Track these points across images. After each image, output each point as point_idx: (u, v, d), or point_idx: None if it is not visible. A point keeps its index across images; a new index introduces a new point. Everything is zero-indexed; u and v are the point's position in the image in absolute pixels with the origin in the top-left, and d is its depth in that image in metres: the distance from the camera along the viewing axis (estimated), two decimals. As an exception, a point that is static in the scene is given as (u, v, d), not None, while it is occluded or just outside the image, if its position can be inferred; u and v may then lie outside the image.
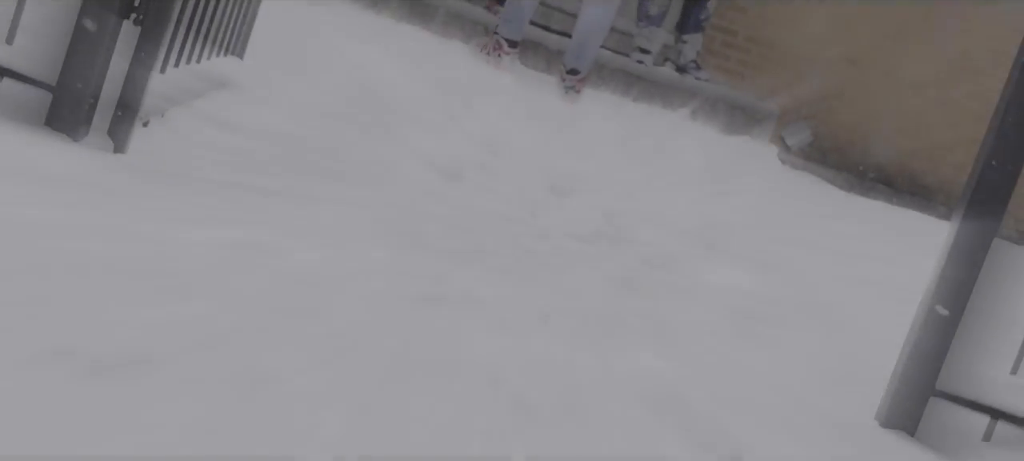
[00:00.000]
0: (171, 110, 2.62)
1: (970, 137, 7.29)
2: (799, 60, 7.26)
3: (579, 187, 3.48)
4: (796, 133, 7.29)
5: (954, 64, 7.21)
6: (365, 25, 5.38)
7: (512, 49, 5.74)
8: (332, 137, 3.12)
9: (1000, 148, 2.33)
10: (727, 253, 3.17)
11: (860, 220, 4.56)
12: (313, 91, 3.51)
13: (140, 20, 2.19)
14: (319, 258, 2.22)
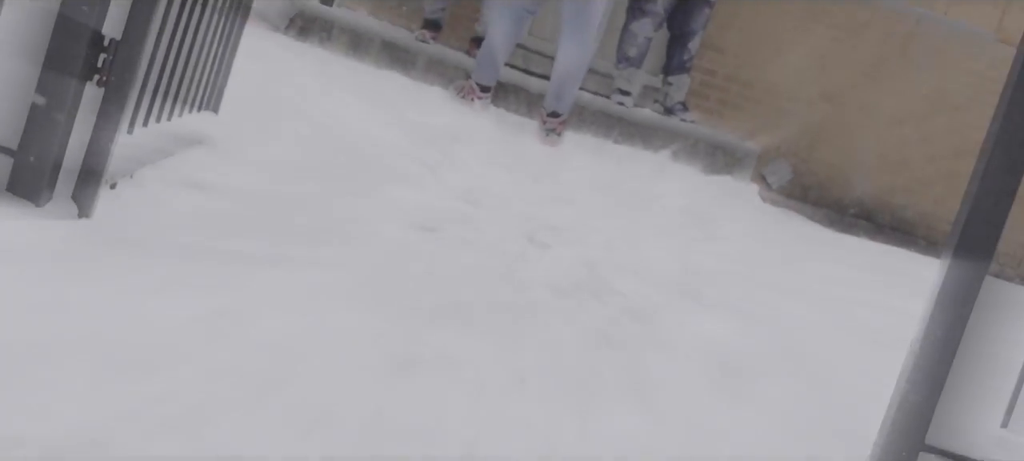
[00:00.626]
0: (140, 171, 2.53)
1: (949, 171, 7.27)
2: (778, 99, 7.23)
3: (559, 237, 3.39)
4: (777, 171, 7.25)
5: (931, 99, 7.19)
6: (344, 73, 5.31)
7: (484, 94, 5.70)
8: (307, 193, 3.03)
9: (988, 186, 2.24)
10: (709, 303, 3.08)
11: (843, 261, 4.48)
12: (289, 146, 3.43)
13: (104, 81, 2.10)
14: (290, 325, 2.13)
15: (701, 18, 6.48)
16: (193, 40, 2.61)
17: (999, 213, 2.28)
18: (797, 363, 2.78)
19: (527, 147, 4.71)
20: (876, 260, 4.83)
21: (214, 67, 3.01)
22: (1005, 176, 2.27)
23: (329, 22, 6.41)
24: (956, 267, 2.33)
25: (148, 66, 2.29)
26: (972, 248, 2.34)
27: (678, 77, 6.57)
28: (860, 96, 7.19)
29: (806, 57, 7.18)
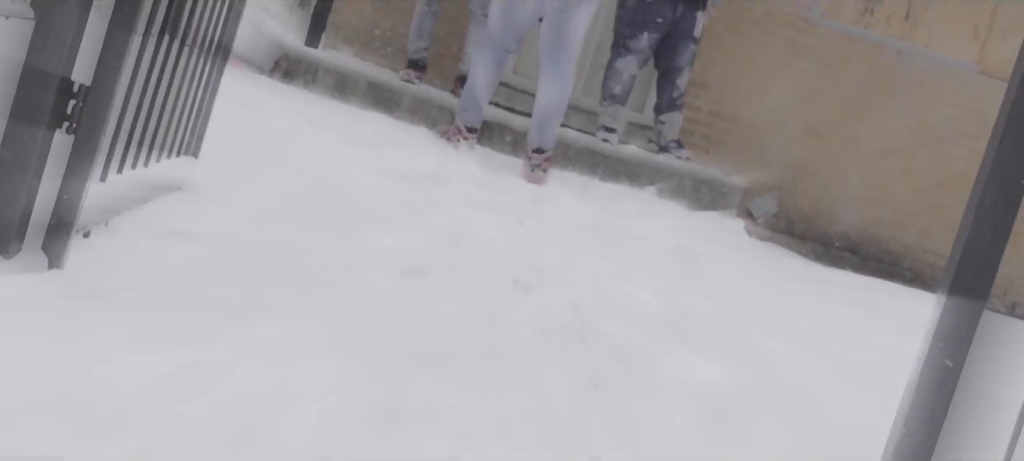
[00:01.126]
0: (116, 219, 2.45)
1: (933, 203, 7.24)
2: (762, 133, 7.20)
3: (544, 279, 3.31)
4: (762, 205, 7.20)
5: (914, 132, 7.17)
6: (329, 116, 5.25)
7: (471, 135, 5.66)
8: (289, 240, 2.95)
9: (983, 221, 2.16)
10: (696, 344, 3.01)
11: (831, 297, 4.41)
12: (271, 190, 3.35)
13: (73, 129, 2.03)
14: (268, 377, 2.04)
15: (686, 54, 6.44)
16: (169, 84, 2.54)
17: (995, 249, 2.20)
18: (787, 404, 2.70)
19: (512, 188, 4.64)
20: (863, 296, 4.76)
21: (193, 111, 2.93)
22: (1000, 210, 2.19)
23: (314, 64, 6.36)
24: (952, 305, 2.25)
25: (121, 112, 2.22)
26: (968, 285, 2.26)
27: (670, 115, 6.53)
28: (844, 129, 7.17)
29: (789, 92, 7.16)
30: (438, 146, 5.39)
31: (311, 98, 5.90)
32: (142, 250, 2.41)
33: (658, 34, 6.40)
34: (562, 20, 5.28)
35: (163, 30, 2.32)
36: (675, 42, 6.43)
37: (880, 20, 7.19)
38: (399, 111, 6.26)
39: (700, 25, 6.42)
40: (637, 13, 6.41)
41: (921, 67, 7.14)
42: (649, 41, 6.40)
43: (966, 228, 2.25)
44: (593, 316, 3.04)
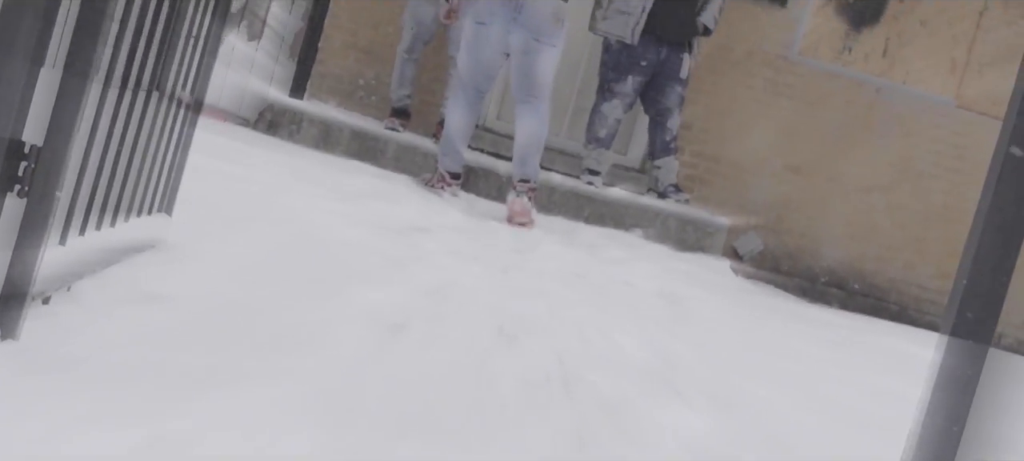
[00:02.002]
0: (79, 283, 2.30)
1: (916, 236, 7.13)
2: (745, 172, 7.10)
3: (530, 330, 3.17)
4: (747, 243, 7.09)
5: (895, 167, 7.08)
6: (313, 167, 5.11)
7: (455, 181, 5.55)
8: (267, 298, 2.80)
9: (984, 260, 2.02)
10: (685, 393, 2.86)
11: (817, 337, 4.27)
12: (250, 247, 3.20)
13: (25, 192, 1.88)
14: (237, 449, 1.89)
15: (673, 96, 6.32)
16: (135, 139, 2.40)
17: (998, 289, 2.06)
18: (780, 454, 2.55)
19: (497, 236, 4.50)
20: (850, 335, 4.63)
21: (164, 166, 2.79)
22: (1001, 250, 2.05)
23: (298, 115, 6.24)
24: (955, 348, 2.10)
25: (79, 171, 2.07)
26: (971, 327, 2.11)
27: (664, 159, 6.41)
28: (826, 166, 7.08)
29: (771, 130, 7.07)
30: (422, 195, 5.26)
31: (295, 150, 5.77)
32: (107, 315, 2.25)
33: (643, 77, 6.29)
34: (528, 61, 5.30)
35: (124, 82, 2.18)
36: (661, 84, 6.33)
37: (858, 58, 7.12)
38: (384, 160, 6.14)
39: (686, 66, 6.30)
40: (622, 56, 6.31)
41: (900, 103, 7.06)
42: (634, 84, 6.30)
43: (966, 268, 2.11)
44: (579, 367, 2.89)
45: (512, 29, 5.26)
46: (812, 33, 7.11)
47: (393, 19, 7.06)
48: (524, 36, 5.26)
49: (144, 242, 2.71)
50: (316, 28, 7.22)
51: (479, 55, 5.39)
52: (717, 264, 5.65)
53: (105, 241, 2.41)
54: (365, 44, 7.18)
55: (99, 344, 2.13)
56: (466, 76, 5.47)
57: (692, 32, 6.29)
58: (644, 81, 6.32)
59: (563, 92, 7.26)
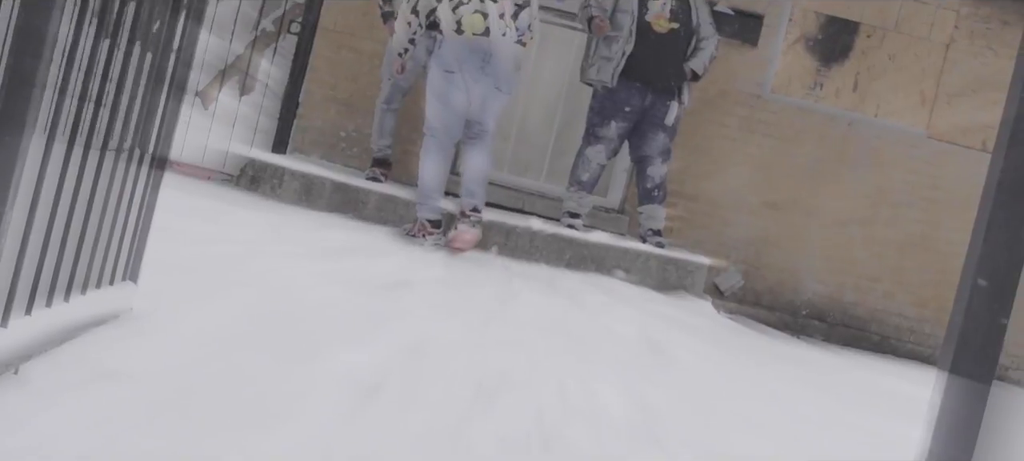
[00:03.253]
0: (28, 364, 2.12)
1: (894, 266, 6.98)
2: (724, 209, 6.97)
3: (509, 385, 3.00)
4: (728, 279, 6.94)
5: (871, 198, 6.96)
6: (293, 223, 4.94)
7: (435, 230, 5.40)
8: (238, 369, 2.62)
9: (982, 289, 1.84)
10: (667, 446, 2.69)
11: (803, 379, 4.11)
12: (222, 312, 3.03)
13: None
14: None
15: (656, 143, 6.15)
16: (88, 206, 2.22)
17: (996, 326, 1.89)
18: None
19: (478, 287, 4.33)
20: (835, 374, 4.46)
21: (126, 231, 2.61)
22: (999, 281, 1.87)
23: (280, 170, 6.08)
24: (957, 377, 1.92)
25: (21, 245, 1.90)
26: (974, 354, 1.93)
27: (647, 207, 6.25)
28: (803, 200, 6.95)
29: (748, 167, 6.95)
30: (404, 246, 5.10)
31: (276, 205, 5.61)
32: (59, 398, 2.08)
33: (627, 123, 6.12)
34: (486, 106, 5.45)
35: (72, 139, 2.00)
36: (644, 131, 6.16)
37: (829, 93, 7.01)
38: (366, 211, 5.98)
39: (673, 114, 6.12)
40: (606, 101, 6.17)
41: (873, 135, 6.94)
42: (618, 129, 6.13)
43: (963, 304, 1.93)
44: (559, 423, 2.72)
45: (479, 78, 5.34)
46: (783, 71, 7.00)
47: (371, 72, 6.93)
48: (488, 84, 5.39)
49: (105, 315, 2.54)
50: (296, 82, 7.09)
51: (450, 103, 5.36)
52: (698, 304, 5.49)
53: (59, 316, 2.23)
54: (345, 97, 7.04)
55: (48, 431, 1.96)
56: (438, 125, 5.38)
57: (679, 79, 6.12)
58: (628, 127, 6.15)
59: (541, 138, 7.13)
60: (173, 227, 4.05)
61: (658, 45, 6.09)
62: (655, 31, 6.09)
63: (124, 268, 2.67)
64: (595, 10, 6.10)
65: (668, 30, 6.08)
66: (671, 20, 6.08)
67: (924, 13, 6.98)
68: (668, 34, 6.09)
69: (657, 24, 6.08)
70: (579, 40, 6.97)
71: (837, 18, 6.99)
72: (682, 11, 6.12)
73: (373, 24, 6.95)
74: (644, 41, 6.09)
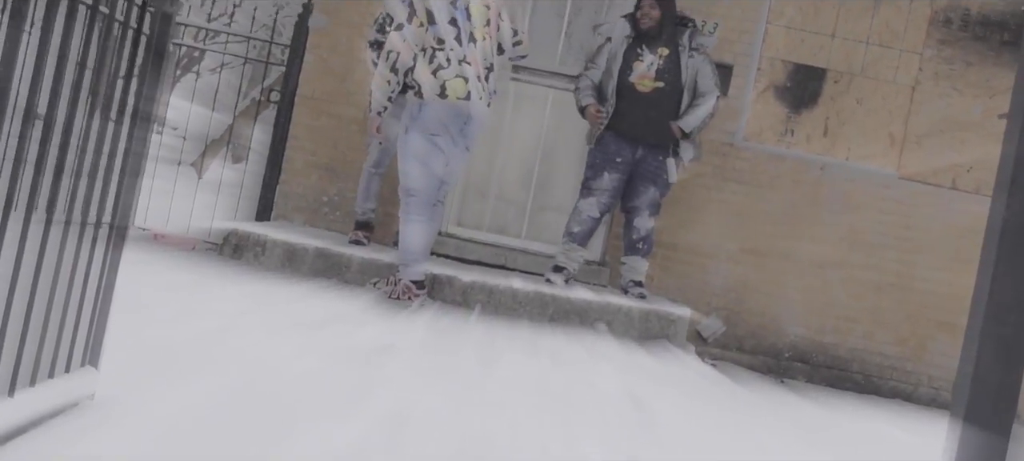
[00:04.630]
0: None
1: (872, 306, 6.80)
2: (702, 257, 6.80)
3: (492, 451, 2.77)
4: (710, 326, 6.75)
5: (846, 240, 6.80)
6: (275, 291, 4.72)
7: (420, 291, 5.19)
8: (208, 452, 2.39)
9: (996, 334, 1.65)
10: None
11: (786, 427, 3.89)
12: (191, 395, 2.80)
13: None
14: None
15: (645, 197, 5.98)
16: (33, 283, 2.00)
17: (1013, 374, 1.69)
18: None
19: (458, 350, 4.11)
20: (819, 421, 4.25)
21: (80, 315, 2.38)
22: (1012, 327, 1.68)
23: (262, 238, 5.87)
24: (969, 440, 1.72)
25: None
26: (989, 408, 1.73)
27: (631, 258, 6.08)
28: (779, 245, 6.78)
29: (724, 214, 6.78)
30: (387, 309, 4.87)
31: (259, 274, 5.39)
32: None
33: (618, 174, 5.96)
34: (457, 167, 5.35)
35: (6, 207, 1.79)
36: (635, 184, 6.00)
37: (800, 139, 6.87)
38: (349, 274, 5.77)
39: (669, 169, 5.94)
40: (597, 154, 6.05)
41: (845, 178, 6.80)
42: (609, 181, 5.96)
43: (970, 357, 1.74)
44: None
45: (458, 140, 5.22)
46: (754, 119, 6.87)
47: (350, 137, 6.77)
48: (464, 146, 5.29)
49: (61, 405, 2.31)
50: (278, 150, 6.92)
51: (432, 167, 5.20)
52: (682, 354, 5.28)
53: (10, 410, 2.01)
54: (325, 162, 6.86)
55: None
56: (420, 188, 5.18)
57: (666, 135, 5.93)
58: (621, 178, 5.98)
59: (520, 197, 6.96)
60: (151, 303, 3.84)
61: (643, 103, 5.95)
62: (638, 90, 5.95)
63: (84, 352, 2.45)
64: (587, 97, 6.05)
65: (652, 89, 5.95)
66: (656, 79, 5.94)
67: (889, 57, 6.87)
68: (652, 92, 5.95)
69: (640, 84, 5.96)
70: (554, 97, 6.84)
71: (804, 65, 6.88)
72: (669, 70, 5.98)
73: (350, 90, 6.80)
74: (629, 99, 5.96)
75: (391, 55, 5.09)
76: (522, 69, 6.89)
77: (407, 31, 5.08)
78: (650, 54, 5.98)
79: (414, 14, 5.08)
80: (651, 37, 6.00)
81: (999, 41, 6.80)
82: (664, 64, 5.97)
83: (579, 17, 7.05)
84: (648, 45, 6.00)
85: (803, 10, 6.90)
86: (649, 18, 5.99)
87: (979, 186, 6.79)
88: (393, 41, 5.12)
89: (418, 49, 5.13)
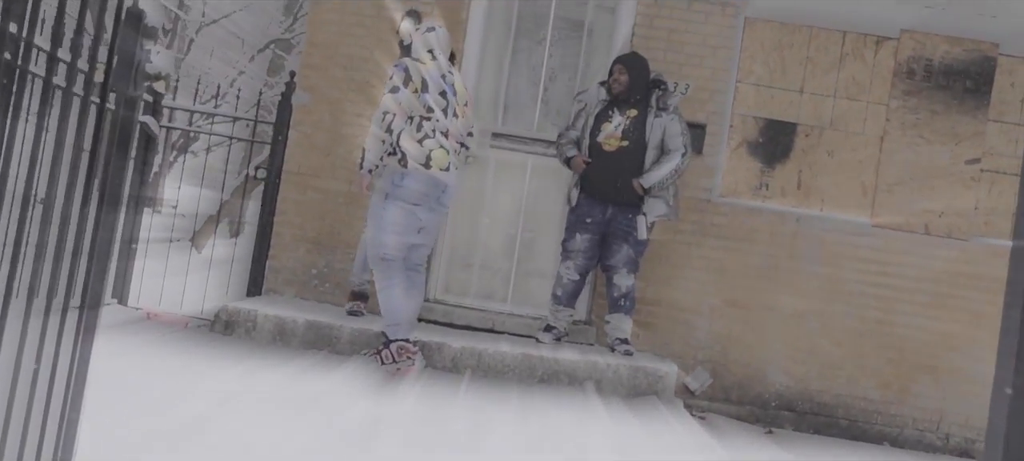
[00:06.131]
0: None
1: (854, 352, 6.62)
2: (686, 312, 6.63)
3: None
4: (697, 378, 6.56)
5: (825, 289, 6.65)
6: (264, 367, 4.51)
7: (416, 350, 5.03)
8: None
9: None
10: None
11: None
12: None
13: None
14: None
15: (620, 255, 5.87)
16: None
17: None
18: None
19: (448, 420, 3.91)
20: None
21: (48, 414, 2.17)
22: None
23: (252, 314, 5.67)
24: None
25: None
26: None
27: (613, 316, 5.96)
28: (760, 296, 6.62)
29: (705, 269, 6.63)
30: (378, 381, 4.66)
31: (250, 349, 5.18)
32: None
33: (590, 234, 5.92)
34: (434, 234, 5.30)
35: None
36: (609, 243, 5.93)
37: (775, 192, 6.74)
38: (339, 345, 5.57)
39: (639, 226, 5.85)
40: (571, 216, 6.06)
41: (820, 229, 6.66)
42: (581, 243, 5.91)
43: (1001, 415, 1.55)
44: None
45: (435, 207, 5.16)
46: (729, 174, 6.75)
47: (337, 210, 6.62)
48: (442, 213, 5.25)
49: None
50: (266, 225, 6.74)
51: (407, 234, 5.11)
52: (670, 410, 5.08)
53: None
54: (313, 235, 6.69)
55: None
56: (396, 254, 5.08)
57: (631, 192, 5.85)
58: (593, 239, 5.94)
59: (504, 265, 6.79)
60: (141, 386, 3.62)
61: (609, 161, 5.94)
62: (604, 150, 5.93)
63: (54, 451, 2.24)
64: (570, 150, 6.09)
65: (617, 147, 5.93)
66: (622, 138, 5.88)
67: (856, 109, 6.77)
68: (617, 151, 5.92)
69: (607, 143, 5.95)
70: (533, 163, 6.70)
71: (775, 120, 6.78)
72: (634, 129, 5.95)
73: (336, 164, 6.65)
74: (597, 159, 5.98)
75: (386, 116, 4.96)
76: (502, 136, 6.77)
77: (402, 95, 4.96)
78: (619, 116, 5.99)
79: (410, 79, 4.99)
80: (622, 101, 6.02)
81: (962, 89, 6.72)
82: (630, 124, 5.96)
83: (554, 84, 6.94)
84: (619, 108, 6.03)
85: (771, 67, 6.81)
86: (619, 83, 6.01)
87: (951, 230, 6.66)
88: (388, 103, 4.99)
89: (407, 115, 5.02)
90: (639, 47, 6.67)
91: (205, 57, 17.69)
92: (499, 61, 7.00)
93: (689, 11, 6.73)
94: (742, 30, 6.81)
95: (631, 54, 6.14)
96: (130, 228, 6.76)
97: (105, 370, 3.71)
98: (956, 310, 6.62)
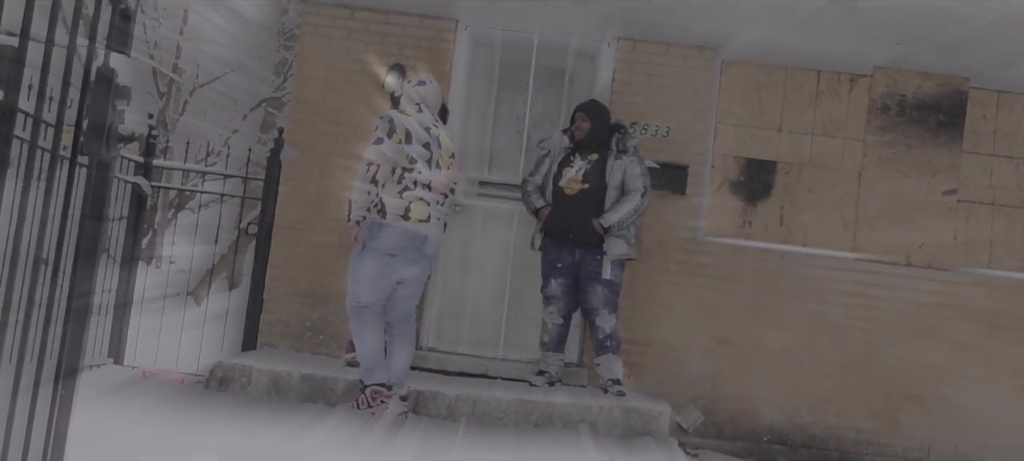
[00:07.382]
0: None
1: (842, 384, 6.48)
2: (676, 350, 6.50)
3: None
4: (689, 416, 6.41)
5: (811, 323, 6.53)
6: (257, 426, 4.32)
7: (390, 392, 4.86)
8: None
9: None
10: None
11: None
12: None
13: None
14: None
15: (596, 296, 5.76)
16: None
17: None
18: None
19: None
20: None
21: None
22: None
23: (248, 368, 5.49)
24: None
25: None
26: None
27: (603, 357, 5.82)
28: (748, 333, 6.49)
29: (693, 307, 6.50)
30: (373, 433, 4.48)
31: (245, 406, 5.00)
32: None
33: (563, 278, 5.84)
34: (418, 286, 5.15)
35: None
36: (583, 286, 5.82)
37: (758, 230, 6.64)
38: (334, 396, 5.40)
39: (606, 267, 5.74)
40: (543, 262, 6.00)
41: (804, 264, 6.54)
42: (557, 287, 5.84)
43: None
44: None
45: (415, 258, 4.99)
46: (713, 213, 6.65)
47: (328, 262, 6.48)
48: (425, 265, 5.09)
49: None
50: (259, 280, 6.58)
51: (383, 283, 4.94)
52: (665, 451, 4.91)
53: None
54: (306, 288, 6.53)
55: None
56: (369, 300, 4.94)
57: (593, 233, 5.77)
58: (567, 282, 5.87)
59: (495, 310, 6.64)
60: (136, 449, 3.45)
61: (570, 204, 5.88)
62: (566, 193, 5.89)
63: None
64: (538, 201, 6.03)
65: (578, 190, 5.88)
66: (582, 181, 5.85)
67: (834, 146, 6.70)
68: (578, 194, 5.87)
69: (568, 187, 5.92)
70: (520, 213, 6.57)
71: (755, 159, 6.69)
72: (594, 172, 5.90)
73: (327, 217, 6.51)
74: (559, 203, 5.93)
75: (371, 167, 4.82)
76: (488, 184, 6.65)
77: (386, 146, 4.83)
78: (581, 160, 5.95)
79: (394, 131, 4.86)
80: (584, 146, 5.98)
81: (936, 122, 6.65)
82: (591, 167, 5.90)
83: (537, 131, 6.85)
84: (581, 153, 5.98)
85: (749, 108, 6.73)
86: (581, 130, 5.99)
87: (931, 260, 6.56)
88: (373, 154, 4.86)
89: (392, 166, 4.89)
90: (620, 92, 6.59)
91: (200, 117, 17.60)
92: (483, 111, 6.91)
93: (667, 56, 6.65)
94: (720, 72, 6.74)
95: (591, 102, 6.13)
96: (124, 287, 6.59)
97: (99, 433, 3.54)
98: (940, 340, 6.49)
